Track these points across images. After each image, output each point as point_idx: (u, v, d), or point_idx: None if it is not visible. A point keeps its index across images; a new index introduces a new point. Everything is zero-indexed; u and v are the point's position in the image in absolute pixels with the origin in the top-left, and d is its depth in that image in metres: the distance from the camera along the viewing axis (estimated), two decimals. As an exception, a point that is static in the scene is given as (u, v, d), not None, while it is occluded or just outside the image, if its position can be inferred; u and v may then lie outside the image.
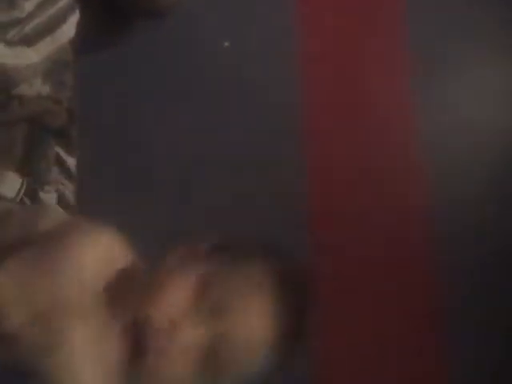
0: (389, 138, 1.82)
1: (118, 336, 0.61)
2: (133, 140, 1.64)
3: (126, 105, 1.65)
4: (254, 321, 0.64)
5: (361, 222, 1.75)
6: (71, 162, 1.50)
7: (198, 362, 0.64)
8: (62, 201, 1.38)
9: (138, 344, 0.61)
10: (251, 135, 1.74)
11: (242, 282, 0.65)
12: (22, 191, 1.29)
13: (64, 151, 1.47)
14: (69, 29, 1.44)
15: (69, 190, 1.41)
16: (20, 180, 1.30)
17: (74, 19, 1.45)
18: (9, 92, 1.35)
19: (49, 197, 1.34)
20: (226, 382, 0.65)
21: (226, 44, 1.80)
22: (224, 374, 0.64)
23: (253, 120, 1.76)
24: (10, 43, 1.36)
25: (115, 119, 1.63)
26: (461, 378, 1.68)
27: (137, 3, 1.72)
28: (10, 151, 1.35)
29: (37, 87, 1.40)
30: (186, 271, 0.65)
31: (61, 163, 1.44)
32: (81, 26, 1.49)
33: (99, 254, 0.65)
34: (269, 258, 0.69)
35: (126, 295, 0.64)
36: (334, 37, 1.86)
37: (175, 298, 0.62)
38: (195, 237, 0.70)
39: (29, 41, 1.39)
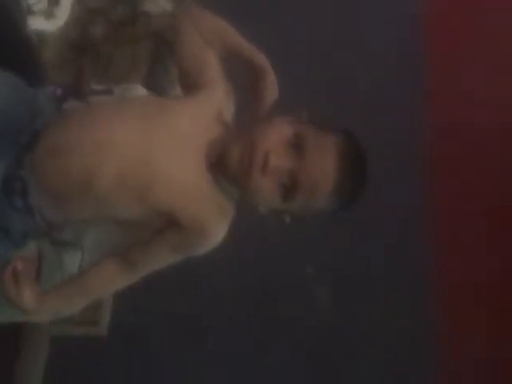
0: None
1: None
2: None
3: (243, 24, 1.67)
4: (323, 164, 0.92)
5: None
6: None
7: (283, 185, 0.92)
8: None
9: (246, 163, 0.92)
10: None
11: (320, 139, 0.94)
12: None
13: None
14: None
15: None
16: (145, 92, 1.36)
17: None
18: (135, 8, 1.41)
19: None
20: (297, 205, 0.94)
21: None
22: (297, 198, 0.92)
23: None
24: (134, -40, 1.40)
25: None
26: None
27: None
28: (136, 66, 1.41)
29: (161, 4, 1.45)
30: (288, 125, 0.95)
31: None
32: None
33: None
34: (343, 135, 0.96)
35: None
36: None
37: (275, 137, 0.93)
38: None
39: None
